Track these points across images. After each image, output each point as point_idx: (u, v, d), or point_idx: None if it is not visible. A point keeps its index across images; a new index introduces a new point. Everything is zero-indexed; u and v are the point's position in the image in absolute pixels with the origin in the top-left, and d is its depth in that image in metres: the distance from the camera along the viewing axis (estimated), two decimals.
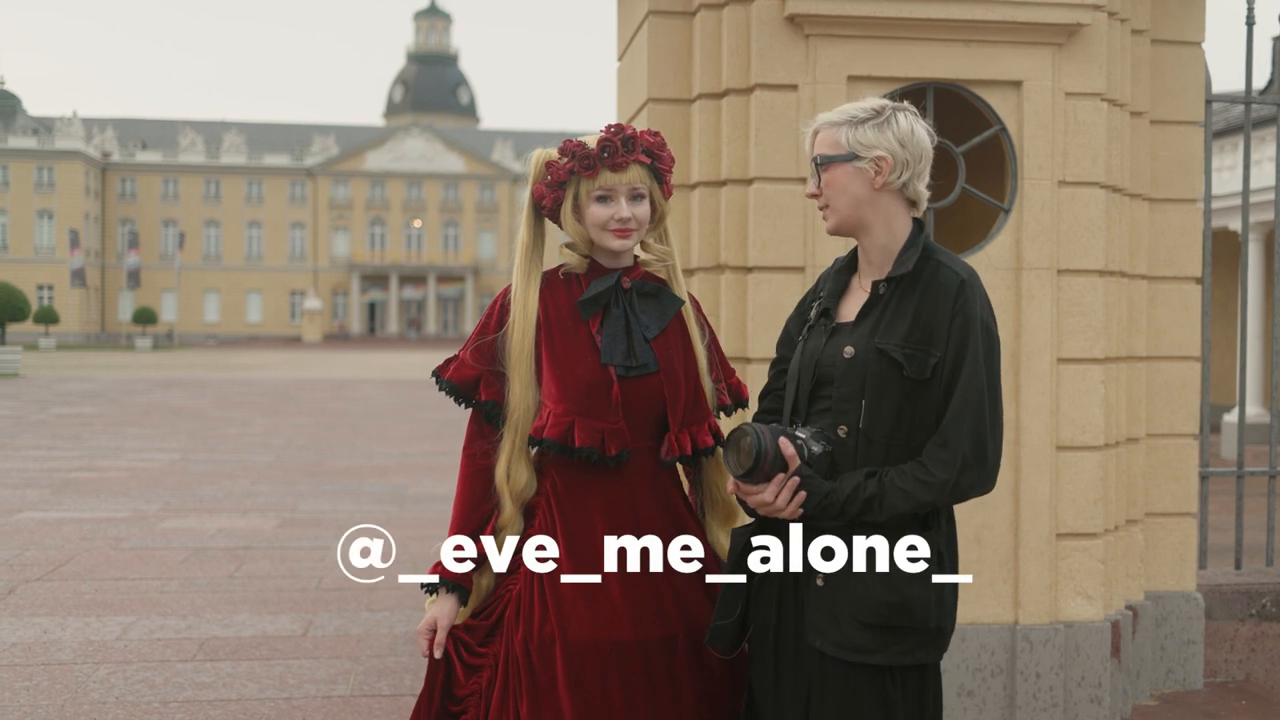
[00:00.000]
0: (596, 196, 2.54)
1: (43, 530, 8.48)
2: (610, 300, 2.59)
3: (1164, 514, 4.77)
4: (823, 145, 2.44)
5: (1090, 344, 4.25)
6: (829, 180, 2.44)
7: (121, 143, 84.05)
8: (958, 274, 2.39)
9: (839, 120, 2.44)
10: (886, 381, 2.36)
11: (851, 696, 2.37)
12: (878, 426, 2.37)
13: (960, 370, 2.33)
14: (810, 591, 2.42)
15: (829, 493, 2.34)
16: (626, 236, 2.56)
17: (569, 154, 2.56)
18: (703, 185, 4.24)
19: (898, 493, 2.33)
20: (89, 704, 4.63)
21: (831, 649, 2.37)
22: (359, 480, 11.49)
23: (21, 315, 33.37)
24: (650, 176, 2.58)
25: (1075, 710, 4.30)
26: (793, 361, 2.52)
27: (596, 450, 2.51)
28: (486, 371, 2.61)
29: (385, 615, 6.04)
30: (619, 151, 2.52)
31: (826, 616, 2.39)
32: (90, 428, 16.72)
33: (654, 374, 2.56)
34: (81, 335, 73.64)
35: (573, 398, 2.53)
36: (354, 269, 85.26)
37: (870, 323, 2.41)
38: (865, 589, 2.35)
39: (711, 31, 4.21)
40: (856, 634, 2.36)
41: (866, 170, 2.40)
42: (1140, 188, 4.61)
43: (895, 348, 2.36)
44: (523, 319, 2.57)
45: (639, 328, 2.58)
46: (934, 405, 2.36)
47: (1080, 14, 4.12)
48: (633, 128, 2.57)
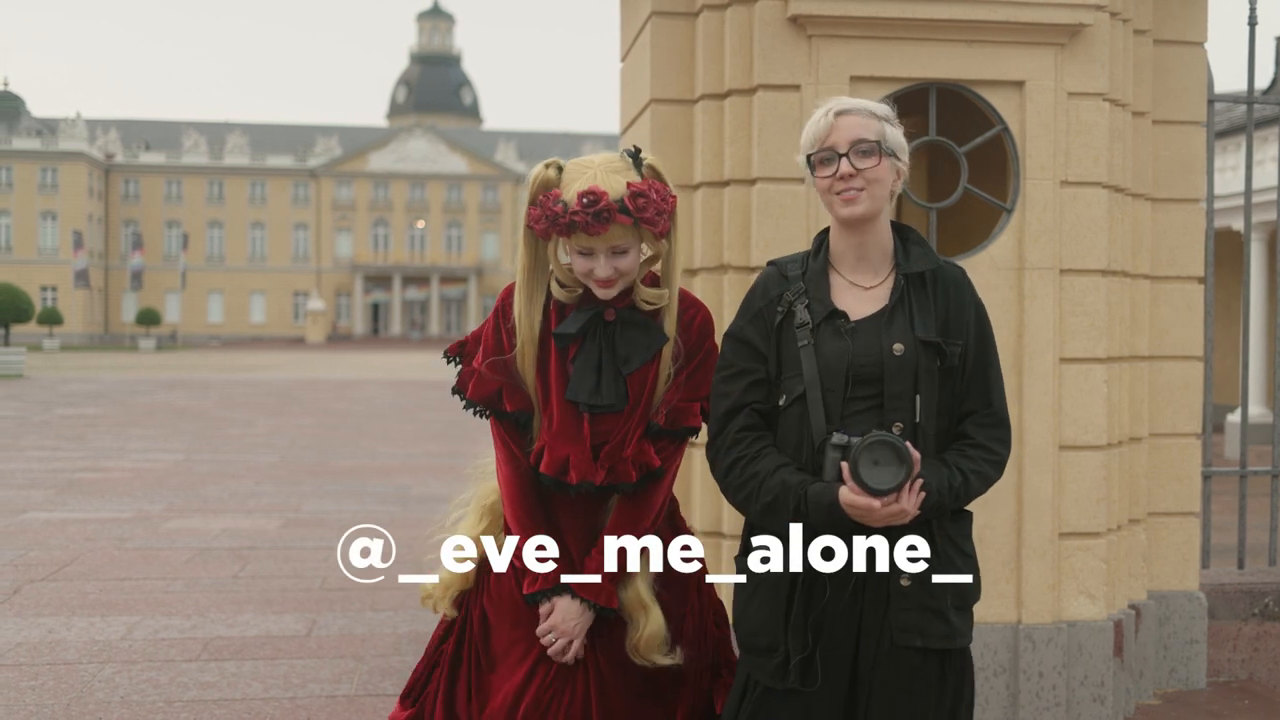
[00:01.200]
0: (578, 251, 2.49)
1: (47, 530, 8.50)
2: (588, 333, 2.56)
3: (1167, 513, 4.77)
4: (868, 132, 2.42)
5: (1093, 344, 4.25)
6: (880, 168, 2.42)
7: (125, 144, 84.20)
8: (959, 266, 2.56)
9: (879, 113, 2.46)
10: (931, 373, 2.41)
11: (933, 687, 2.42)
12: (930, 419, 2.41)
13: (988, 354, 2.50)
14: (892, 595, 2.40)
15: (937, 489, 2.36)
16: (609, 287, 2.52)
17: (544, 212, 2.46)
18: (706, 186, 4.25)
19: (977, 477, 2.43)
20: (94, 704, 4.64)
21: (939, 641, 2.40)
22: (362, 481, 11.50)
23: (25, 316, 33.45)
24: (636, 230, 2.47)
25: (1078, 710, 4.30)
26: (805, 368, 2.40)
27: (555, 479, 2.54)
28: (506, 383, 2.59)
29: (389, 615, 6.05)
30: (591, 225, 2.42)
31: (923, 613, 2.39)
32: (94, 428, 16.74)
33: (619, 413, 2.54)
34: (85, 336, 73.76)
35: (551, 424, 2.56)
36: (357, 270, 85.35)
37: (904, 317, 2.42)
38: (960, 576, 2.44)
39: (714, 32, 4.22)
40: (957, 620, 2.43)
41: (899, 169, 2.47)
42: (1143, 188, 4.61)
43: (937, 338, 2.41)
44: (530, 345, 2.57)
45: (615, 362, 2.54)
46: (955, 391, 2.45)
47: (1083, 14, 4.12)
48: (607, 196, 2.43)
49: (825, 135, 2.44)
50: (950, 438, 2.46)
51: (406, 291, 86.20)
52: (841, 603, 2.41)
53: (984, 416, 2.46)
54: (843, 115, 2.43)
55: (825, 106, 2.47)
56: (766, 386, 2.48)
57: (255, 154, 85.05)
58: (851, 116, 2.43)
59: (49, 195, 77.33)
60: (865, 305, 2.45)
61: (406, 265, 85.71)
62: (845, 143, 2.41)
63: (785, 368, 2.45)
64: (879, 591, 2.40)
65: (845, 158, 2.40)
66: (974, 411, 2.46)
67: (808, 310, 2.44)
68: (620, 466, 2.53)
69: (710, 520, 4.20)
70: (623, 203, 2.44)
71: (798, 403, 2.42)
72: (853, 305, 2.46)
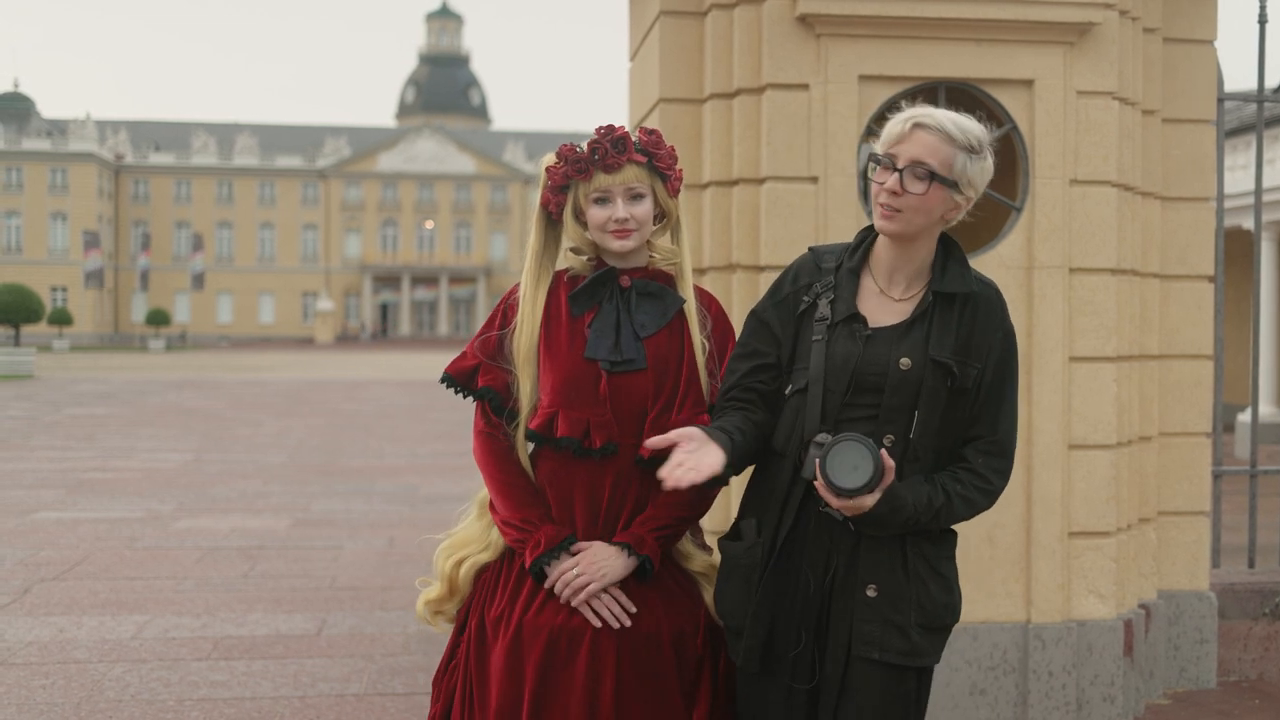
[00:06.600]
0: (594, 199, 2.52)
1: (58, 530, 8.53)
2: (604, 297, 2.57)
3: (1177, 513, 4.76)
4: (934, 157, 2.31)
5: (1102, 343, 4.25)
6: (927, 197, 2.31)
7: (135, 144, 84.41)
8: (994, 288, 2.46)
9: (958, 139, 2.32)
10: (937, 393, 2.36)
11: (892, 701, 2.39)
12: (927, 436, 2.37)
13: (1005, 382, 2.43)
14: (857, 604, 2.38)
15: (912, 505, 2.31)
16: (626, 237, 2.53)
17: (563, 158, 2.54)
18: (714, 185, 4.25)
19: (961, 501, 2.37)
20: (105, 702, 4.66)
21: (895, 657, 2.36)
22: (371, 480, 11.52)
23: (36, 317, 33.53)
24: (650, 175, 2.54)
25: (1088, 709, 4.29)
26: (813, 363, 2.39)
27: (578, 441, 2.49)
28: (484, 362, 2.60)
29: (399, 614, 6.06)
30: (609, 153, 2.49)
31: (884, 626, 2.36)
32: (104, 428, 16.79)
33: (641, 371, 2.53)
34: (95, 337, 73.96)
35: (559, 389, 2.52)
36: (366, 270, 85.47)
37: (920, 333, 2.38)
38: (928, 594, 2.38)
39: (723, 31, 4.22)
40: (920, 639, 2.37)
41: (957, 202, 2.37)
42: (1152, 186, 4.60)
43: (950, 359, 2.36)
44: (530, 320, 2.57)
45: (631, 325, 2.55)
46: (965, 414, 2.40)
47: (1092, 13, 4.12)
48: (624, 128, 2.54)
49: (895, 141, 2.35)
50: (952, 459, 2.42)
51: (415, 292, 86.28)
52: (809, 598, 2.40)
53: (987, 444, 2.40)
54: (920, 129, 2.32)
55: (911, 111, 2.36)
56: (774, 371, 2.47)
57: (264, 154, 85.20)
58: (925, 133, 2.32)
59: (59, 196, 77.53)
60: (888, 315, 2.42)
61: (415, 265, 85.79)
62: (906, 159, 2.32)
63: (798, 358, 2.45)
64: (847, 598, 2.39)
65: (900, 174, 2.31)
66: (979, 437, 2.41)
67: (830, 307, 2.42)
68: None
69: (719, 521, 4.20)
70: (638, 139, 2.53)
71: (799, 395, 2.42)
72: (875, 312, 2.42)
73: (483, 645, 2.54)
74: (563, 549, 2.49)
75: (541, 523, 2.51)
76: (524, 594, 2.52)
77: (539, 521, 2.51)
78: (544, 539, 2.49)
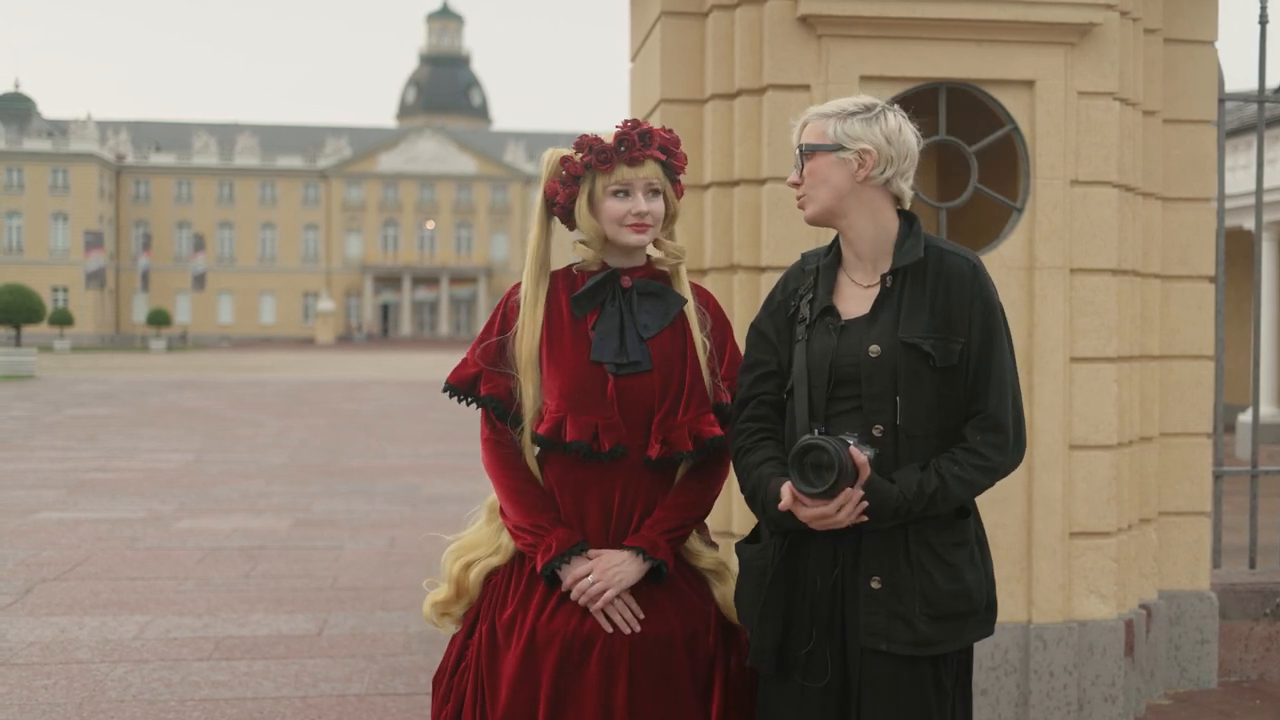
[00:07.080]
0: (613, 191, 2.52)
1: (59, 530, 8.53)
2: (606, 298, 2.57)
3: (1178, 513, 4.76)
4: (810, 135, 2.45)
5: (1103, 343, 4.25)
6: (811, 169, 2.44)
7: (135, 145, 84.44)
8: (967, 259, 2.44)
9: (829, 112, 2.45)
10: (918, 374, 2.36)
11: (908, 691, 2.38)
12: (916, 421, 2.37)
13: (991, 353, 2.40)
14: (863, 597, 2.38)
15: (898, 495, 2.31)
16: (643, 232, 2.53)
17: (585, 148, 2.53)
18: (716, 185, 4.25)
19: (958, 482, 2.35)
20: (107, 702, 4.66)
21: (903, 648, 2.35)
22: (372, 480, 11.52)
23: (37, 317, 33.55)
24: (664, 173, 2.56)
25: (1089, 709, 4.30)
26: (796, 364, 2.44)
27: (587, 445, 2.48)
28: (486, 369, 2.60)
29: (400, 615, 6.06)
30: (636, 145, 2.50)
31: (890, 618, 2.36)
32: (105, 429, 16.80)
33: (647, 372, 2.53)
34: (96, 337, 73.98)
35: (566, 393, 2.52)
36: (367, 270, 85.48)
37: (888, 317, 2.39)
38: (931, 583, 2.36)
39: (724, 32, 4.22)
40: (927, 629, 2.36)
41: (850, 161, 2.41)
42: (1153, 187, 4.61)
43: (922, 339, 2.36)
44: (531, 324, 2.56)
45: (635, 326, 2.55)
46: (961, 390, 2.39)
47: (1093, 13, 4.12)
48: (648, 123, 2.56)
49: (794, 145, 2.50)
50: (957, 438, 2.41)
51: (416, 292, 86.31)
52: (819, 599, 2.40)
53: (981, 419, 2.39)
54: (803, 125, 2.48)
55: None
56: (777, 378, 2.49)
57: (265, 155, 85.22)
58: (808, 125, 2.47)
59: (60, 196, 77.54)
60: (859, 304, 2.44)
61: (416, 266, 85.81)
62: (795, 151, 2.48)
63: (793, 361, 2.48)
64: (855, 592, 2.39)
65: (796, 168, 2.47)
66: (976, 413, 2.40)
67: (809, 305, 2.47)
68: (674, 435, 2.51)
69: (721, 520, 4.21)
70: (659, 135, 2.55)
71: (790, 397, 2.46)
72: (849, 303, 2.45)
73: (494, 650, 2.54)
74: (574, 553, 2.49)
75: (553, 527, 2.51)
76: (535, 599, 2.52)
77: (550, 526, 2.51)
78: (555, 543, 2.49)
